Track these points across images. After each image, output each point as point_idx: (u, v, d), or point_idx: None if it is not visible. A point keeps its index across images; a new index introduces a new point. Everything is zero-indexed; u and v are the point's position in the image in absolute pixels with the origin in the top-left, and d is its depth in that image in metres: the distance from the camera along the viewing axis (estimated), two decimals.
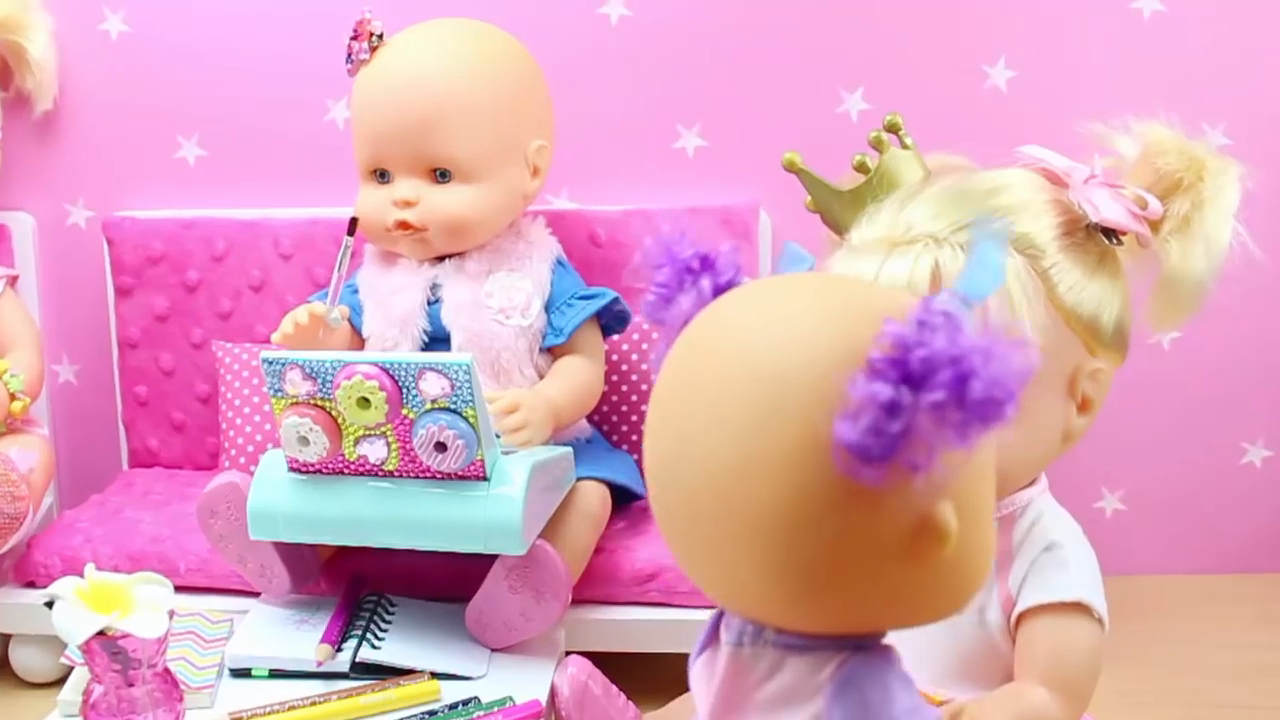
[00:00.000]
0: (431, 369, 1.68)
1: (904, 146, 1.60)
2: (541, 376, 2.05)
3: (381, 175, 2.04)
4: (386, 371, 1.69)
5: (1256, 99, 2.28)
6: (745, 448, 0.98)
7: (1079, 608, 1.38)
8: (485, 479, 1.75)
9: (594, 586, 1.98)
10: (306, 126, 2.38)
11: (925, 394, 0.90)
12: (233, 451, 2.25)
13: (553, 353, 2.06)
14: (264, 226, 2.34)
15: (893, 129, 1.61)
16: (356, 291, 2.10)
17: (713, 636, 1.15)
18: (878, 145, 1.59)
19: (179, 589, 1.87)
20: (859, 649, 1.05)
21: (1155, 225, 1.42)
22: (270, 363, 1.72)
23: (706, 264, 1.11)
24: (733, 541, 1.00)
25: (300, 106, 2.38)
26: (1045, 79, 2.29)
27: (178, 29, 2.37)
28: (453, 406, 1.70)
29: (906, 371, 0.91)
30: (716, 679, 1.11)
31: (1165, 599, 2.36)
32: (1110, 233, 1.41)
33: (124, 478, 2.36)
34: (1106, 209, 1.39)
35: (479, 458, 1.73)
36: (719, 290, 1.10)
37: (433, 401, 1.70)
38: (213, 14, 2.36)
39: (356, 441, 1.75)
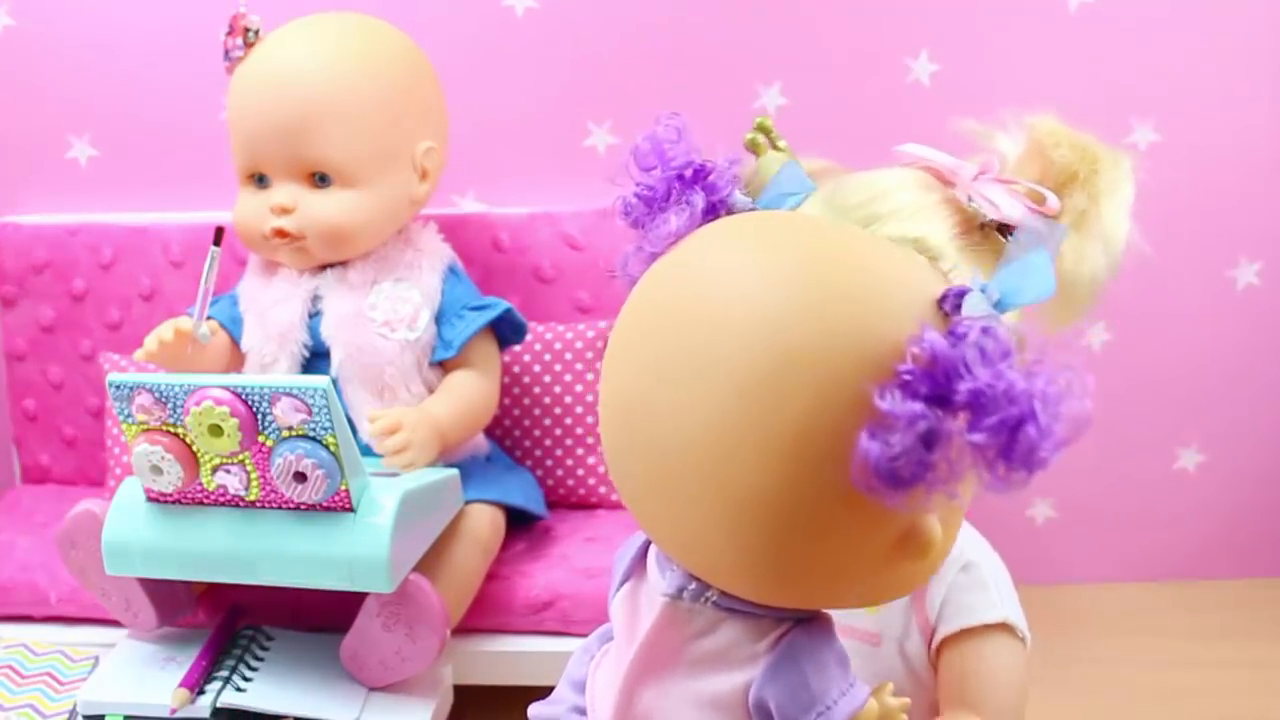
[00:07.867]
0: (286, 394, 1.62)
1: (776, 149, 1.54)
2: (432, 392, 1.99)
3: (259, 180, 2.00)
4: (239, 396, 1.63)
5: (1187, 93, 2.26)
6: (735, 422, 0.95)
7: (1003, 628, 1.38)
8: (352, 510, 1.69)
9: (485, 615, 1.94)
10: (203, 125, 2.34)
11: (970, 433, 0.88)
12: (118, 470, 2.22)
13: (444, 367, 2.02)
14: (153, 232, 2.32)
15: (764, 131, 1.55)
16: (237, 304, 2.06)
17: (637, 566, 1.15)
18: (753, 148, 1.53)
19: (49, 619, 1.87)
20: (801, 621, 1.06)
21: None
22: (117, 386, 1.67)
23: (700, 175, 1.10)
24: (703, 514, 0.98)
25: (197, 103, 2.33)
26: (970, 73, 2.26)
27: (68, 19, 2.33)
28: (311, 434, 1.64)
29: (948, 399, 0.90)
30: (645, 628, 1.10)
31: (1097, 609, 2.37)
32: (1006, 230, 1.35)
33: (14, 494, 2.34)
34: (1006, 206, 1.33)
35: (343, 488, 1.67)
36: (711, 209, 1.08)
37: (289, 429, 1.64)
38: (106, 2, 2.31)
39: (215, 470, 1.70)
